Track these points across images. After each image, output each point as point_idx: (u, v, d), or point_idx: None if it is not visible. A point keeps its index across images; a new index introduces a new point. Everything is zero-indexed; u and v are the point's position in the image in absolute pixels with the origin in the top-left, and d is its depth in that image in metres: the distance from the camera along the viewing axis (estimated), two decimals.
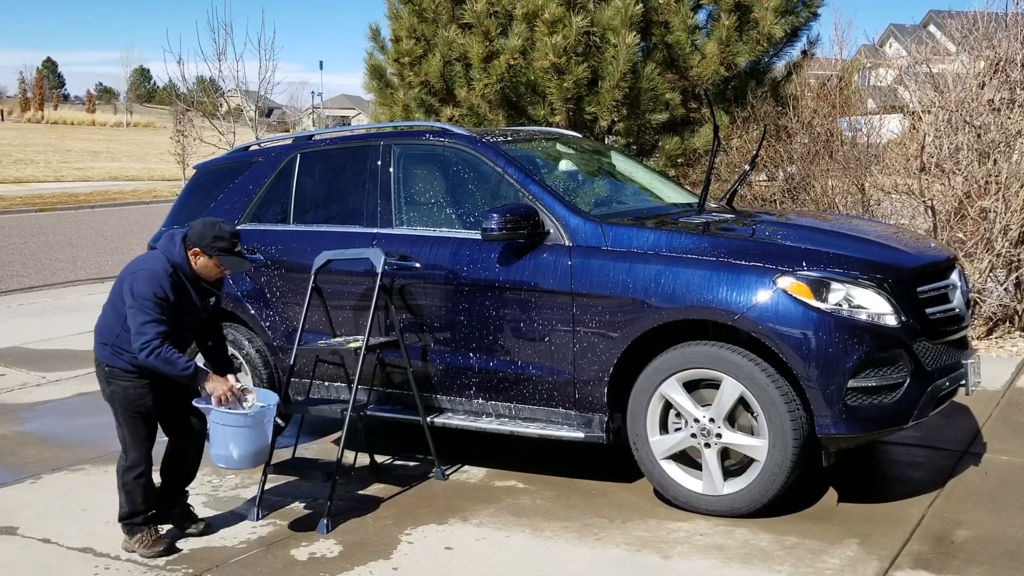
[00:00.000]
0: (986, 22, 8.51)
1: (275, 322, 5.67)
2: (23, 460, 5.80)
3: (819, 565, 4.00)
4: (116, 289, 4.32)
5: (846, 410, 4.26)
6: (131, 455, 4.34)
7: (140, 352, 4.10)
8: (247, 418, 4.28)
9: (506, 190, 5.13)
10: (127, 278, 4.22)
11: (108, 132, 72.20)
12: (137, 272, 4.20)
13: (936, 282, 4.70)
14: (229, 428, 4.24)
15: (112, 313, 4.31)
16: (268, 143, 6.53)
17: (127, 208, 27.76)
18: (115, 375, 4.29)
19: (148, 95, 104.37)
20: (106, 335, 4.31)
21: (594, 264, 4.70)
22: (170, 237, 4.31)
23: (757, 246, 4.63)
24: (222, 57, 15.41)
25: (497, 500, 4.88)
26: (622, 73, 8.15)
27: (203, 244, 4.22)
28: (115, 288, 4.34)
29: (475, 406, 5.10)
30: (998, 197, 7.75)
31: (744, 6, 8.66)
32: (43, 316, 10.74)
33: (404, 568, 4.15)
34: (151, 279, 4.15)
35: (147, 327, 4.09)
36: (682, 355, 4.52)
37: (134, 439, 4.33)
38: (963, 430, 5.66)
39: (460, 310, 5.05)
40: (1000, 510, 4.51)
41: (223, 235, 4.24)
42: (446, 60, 8.89)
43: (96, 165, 45.69)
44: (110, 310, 4.33)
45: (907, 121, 9.41)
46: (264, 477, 4.86)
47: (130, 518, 4.36)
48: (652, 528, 4.45)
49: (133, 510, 4.36)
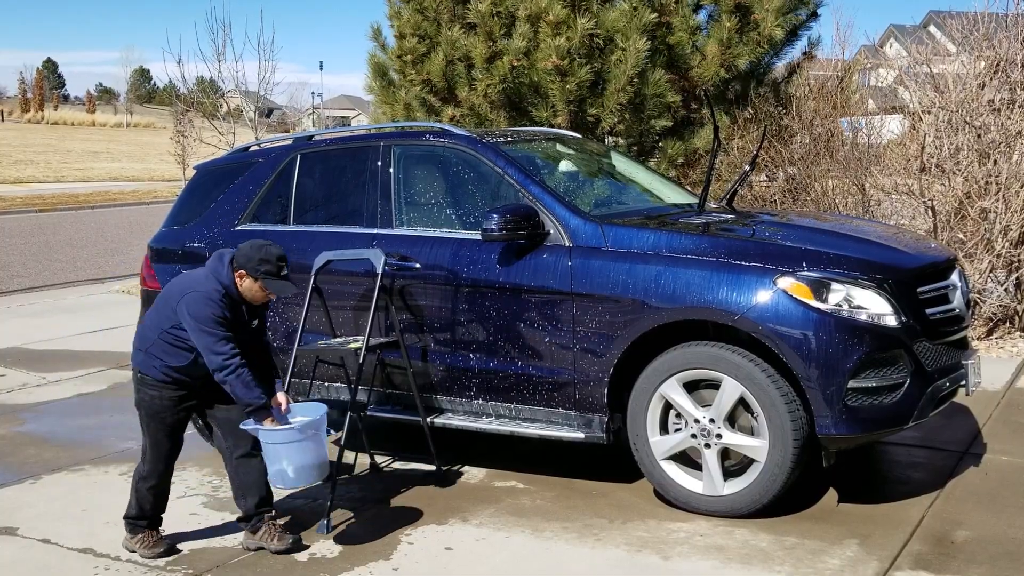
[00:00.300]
0: (986, 22, 8.52)
1: (275, 322, 5.67)
2: (23, 460, 5.80)
3: (819, 565, 4.00)
4: (163, 303, 4.32)
5: (846, 410, 4.26)
6: (148, 466, 4.35)
7: (220, 371, 4.10)
8: (295, 432, 4.17)
9: (506, 191, 5.13)
10: (181, 300, 4.18)
11: (108, 132, 72.19)
12: (190, 294, 4.17)
13: (936, 282, 4.70)
14: (280, 445, 4.14)
15: (153, 321, 4.32)
16: (268, 144, 6.53)
17: (127, 208, 27.76)
18: (145, 382, 4.30)
19: (148, 96, 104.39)
20: (142, 341, 4.33)
21: (594, 265, 4.71)
22: (219, 257, 4.27)
23: (757, 246, 4.64)
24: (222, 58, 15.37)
25: (497, 500, 4.88)
26: (629, 78, 8.14)
27: (249, 267, 4.20)
28: (161, 301, 4.34)
29: (475, 406, 5.10)
30: (998, 197, 7.75)
31: (744, 7, 8.66)
32: (43, 316, 10.74)
33: (404, 568, 4.15)
34: (206, 300, 4.14)
35: (221, 346, 4.10)
36: (682, 355, 4.52)
37: (154, 452, 4.33)
38: (963, 431, 5.66)
39: (460, 311, 5.05)
40: (1000, 511, 4.51)
41: (269, 258, 4.21)
42: (449, 60, 8.89)
43: (96, 165, 45.69)
44: (153, 317, 4.34)
45: (907, 121, 9.41)
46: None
47: (137, 519, 4.38)
48: (652, 529, 4.45)
49: (140, 514, 4.37)
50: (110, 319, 10.27)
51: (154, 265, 6.24)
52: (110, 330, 9.73)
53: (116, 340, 9.12)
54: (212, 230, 5.98)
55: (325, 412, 4.33)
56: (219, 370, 4.10)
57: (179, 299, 4.19)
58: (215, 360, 4.10)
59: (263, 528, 4.36)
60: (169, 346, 4.25)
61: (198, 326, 4.11)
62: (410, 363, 5.12)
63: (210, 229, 6.00)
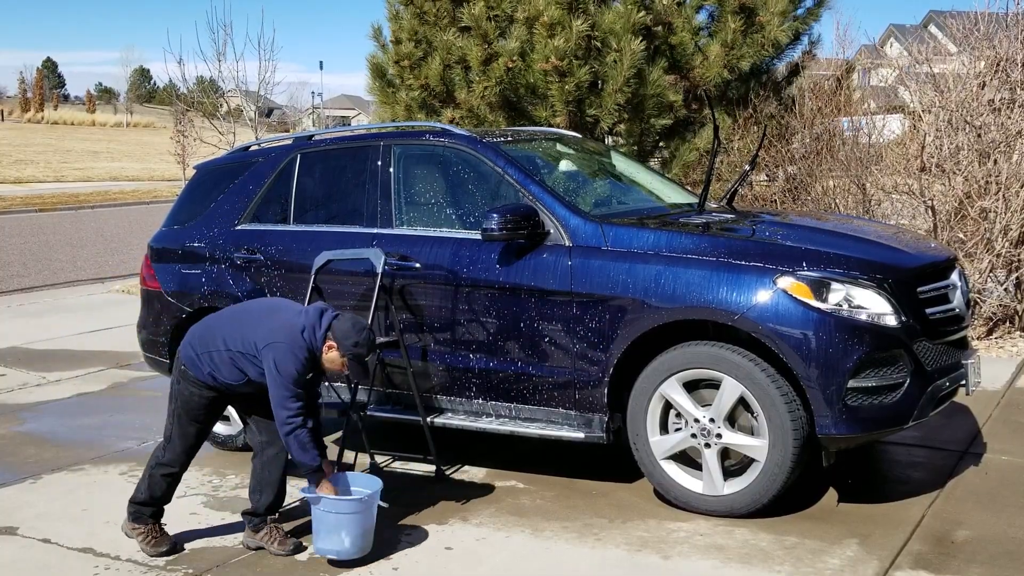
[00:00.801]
0: (986, 22, 8.52)
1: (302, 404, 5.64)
2: (23, 460, 5.80)
3: (819, 565, 4.00)
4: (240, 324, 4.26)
5: (846, 410, 4.26)
6: (170, 454, 4.36)
7: (284, 427, 4.12)
8: (359, 503, 4.16)
9: (506, 190, 5.13)
10: (269, 346, 4.14)
11: (108, 132, 72.21)
12: (281, 345, 4.14)
13: (936, 282, 4.70)
14: (343, 516, 4.11)
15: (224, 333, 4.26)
16: (268, 143, 6.53)
17: (127, 208, 27.75)
18: (187, 378, 4.31)
19: (148, 95, 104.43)
20: (202, 344, 4.29)
21: (594, 264, 4.71)
22: (318, 318, 4.21)
23: (757, 246, 4.64)
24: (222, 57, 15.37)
25: (497, 500, 4.88)
26: (626, 78, 8.14)
27: (345, 344, 4.18)
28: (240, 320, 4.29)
29: (475, 406, 5.10)
30: (998, 197, 7.75)
31: (749, 8, 8.65)
32: (43, 316, 10.74)
33: (404, 568, 4.15)
34: (295, 358, 4.13)
35: (291, 403, 4.11)
36: (682, 355, 4.52)
37: (181, 442, 4.35)
38: (963, 430, 5.66)
39: (460, 310, 5.05)
40: (1000, 510, 4.51)
41: (363, 343, 4.21)
42: (446, 63, 8.89)
43: (96, 165, 45.70)
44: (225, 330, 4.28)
45: (907, 121, 9.42)
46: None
47: (144, 504, 4.38)
48: (652, 528, 4.45)
49: (150, 499, 4.38)
50: (110, 319, 10.27)
51: (154, 265, 6.25)
52: (110, 330, 9.73)
53: (116, 340, 9.13)
54: (212, 229, 5.98)
55: (380, 485, 4.30)
56: (284, 425, 4.12)
57: (266, 343, 4.14)
58: (282, 414, 4.11)
59: (265, 529, 4.36)
60: (229, 363, 4.24)
61: (279, 379, 4.11)
62: (410, 363, 5.12)
63: (210, 229, 6.01)
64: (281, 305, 4.44)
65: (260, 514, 4.39)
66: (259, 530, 4.36)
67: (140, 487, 4.41)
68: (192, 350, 4.32)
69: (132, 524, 4.40)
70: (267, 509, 4.39)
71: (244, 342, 4.21)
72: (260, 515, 4.39)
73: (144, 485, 4.39)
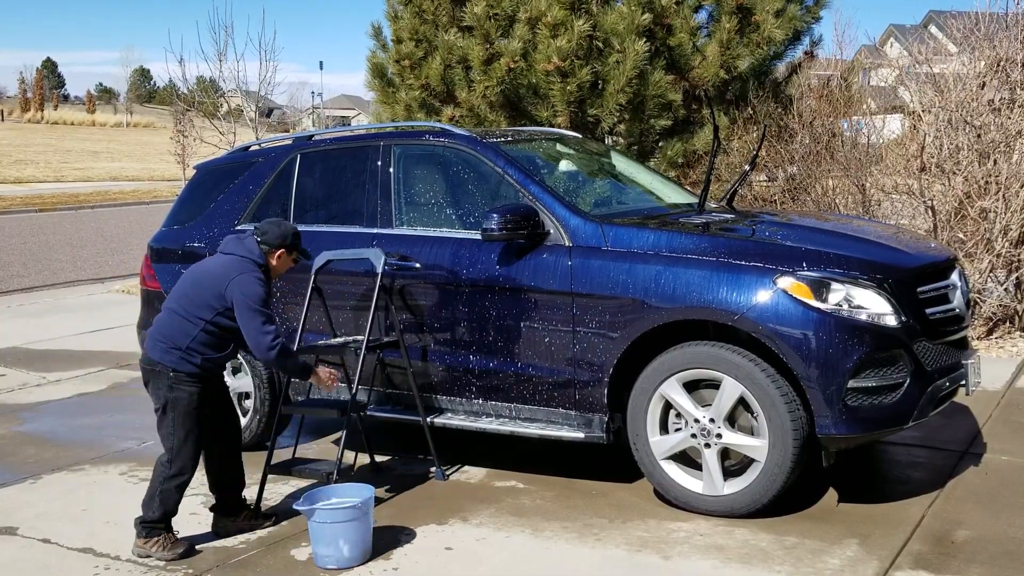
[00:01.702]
0: (986, 22, 8.52)
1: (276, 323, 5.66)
2: (23, 460, 5.80)
3: (819, 565, 4.00)
4: (196, 294, 4.31)
5: (846, 410, 4.26)
6: (179, 463, 4.30)
7: (268, 350, 4.24)
8: (355, 510, 4.15)
9: (506, 190, 5.13)
10: (231, 284, 4.25)
11: (108, 132, 72.21)
12: (240, 277, 4.27)
13: (936, 282, 4.70)
14: (339, 525, 4.11)
15: (189, 314, 4.29)
16: (268, 143, 6.53)
17: (127, 208, 27.76)
18: (181, 380, 4.28)
19: (148, 95, 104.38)
20: (176, 339, 4.29)
21: (594, 264, 4.70)
22: (240, 242, 4.38)
23: (757, 246, 4.64)
24: (223, 57, 15.38)
25: (497, 500, 4.88)
26: (628, 79, 8.14)
27: (287, 243, 4.41)
28: (193, 292, 4.33)
29: (475, 406, 5.10)
30: (998, 197, 7.75)
31: (746, 8, 8.66)
32: (43, 316, 10.74)
33: (404, 568, 4.15)
34: (256, 279, 4.29)
35: (267, 327, 4.25)
36: (682, 355, 4.52)
37: (190, 448, 4.31)
38: (963, 430, 5.66)
39: (460, 310, 5.05)
40: (1000, 510, 4.51)
41: (294, 231, 4.47)
42: (446, 63, 8.89)
43: (96, 165, 45.70)
44: (188, 311, 4.30)
45: (907, 121, 9.41)
46: (264, 477, 4.86)
47: (158, 522, 4.30)
48: (652, 528, 4.45)
49: (164, 515, 4.32)
50: (110, 319, 10.27)
51: (154, 265, 6.25)
52: (110, 330, 9.73)
53: (116, 340, 9.12)
54: (212, 230, 5.98)
55: (373, 492, 4.31)
56: (268, 350, 4.24)
57: (227, 280, 4.25)
58: (263, 341, 4.23)
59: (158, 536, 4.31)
60: (213, 338, 4.31)
61: (251, 305, 4.23)
62: (410, 363, 5.12)
63: (210, 229, 6.00)
64: (210, 261, 4.50)
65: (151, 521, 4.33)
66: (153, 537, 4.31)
67: (151, 506, 4.30)
68: (175, 351, 4.28)
69: (144, 540, 4.30)
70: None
71: (212, 307, 4.27)
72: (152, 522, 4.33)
73: (156, 503, 4.30)
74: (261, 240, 4.40)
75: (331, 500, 4.28)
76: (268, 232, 4.42)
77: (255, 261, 4.36)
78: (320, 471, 4.97)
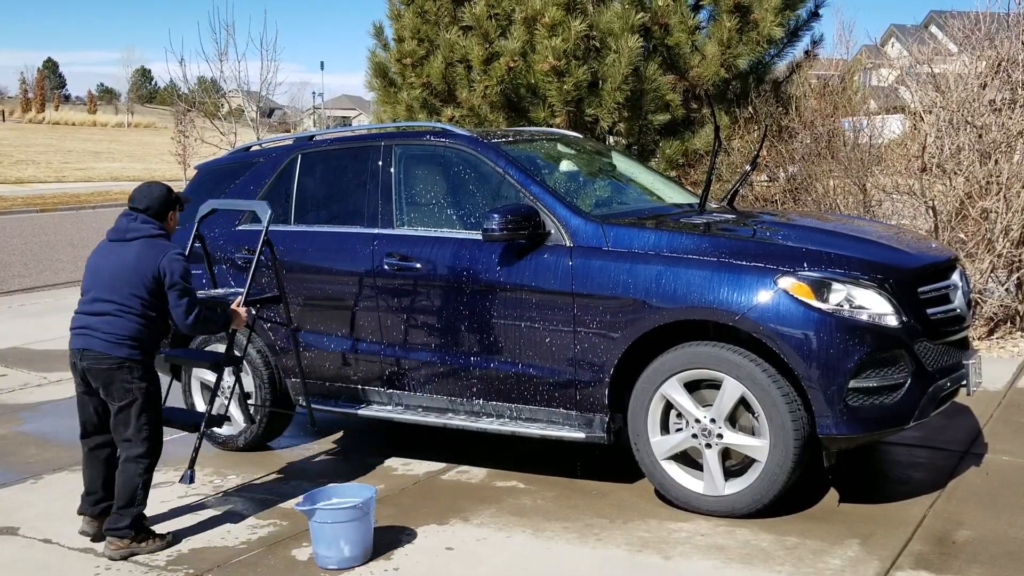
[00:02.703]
0: (987, 22, 8.52)
1: (276, 323, 5.67)
2: (24, 460, 5.80)
3: (820, 565, 4.00)
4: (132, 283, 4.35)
5: (847, 410, 4.26)
6: (149, 448, 4.37)
7: (189, 317, 4.40)
8: (355, 511, 4.15)
9: (507, 191, 5.13)
10: (164, 267, 4.37)
11: (109, 132, 72.22)
12: (169, 256, 4.40)
13: (937, 282, 4.70)
14: (340, 525, 4.11)
15: (133, 311, 4.35)
16: (269, 143, 6.53)
17: None
18: (135, 372, 4.36)
19: (149, 95, 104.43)
20: (133, 332, 4.35)
21: (595, 265, 4.70)
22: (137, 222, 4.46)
23: (758, 246, 4.63)
24: (224, 57, 15.43)
25: (498, 500, 4.88)
26: (624, 76, 8.14)
27: (176, 207, 4.59)
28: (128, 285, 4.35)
29: (476, 406, 5.10)
30: (999, 197, 7.74)
31: (744, 7, 8.66)
32: (44, 316, 10.74)
33: (405, 568, 4.15)
34: (181, 259, 4.44)
35: (189, 297, 4.43)
36: (683, 355, 4.51)
37: (158, 434, 4.44)
38: (964, 430, 5.66)
39: (461, 310, 5.05)
40: (1001, 511, 4.50)
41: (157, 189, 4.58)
42: (448, 62, 8.89)
43: (97, 166, 45.71)
44: (129, 309, 4.34)
45: (908, 121, 9.41)
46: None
47: (143, 515, 4.38)
48: (653, 528, 4.45)
49: (144, 501, 4.38)
50: None
51: None
52: None
53: None
54: (213, 230, 5.98)
55: (374, 492, 4.33)
56: (188, 316, 4.40)
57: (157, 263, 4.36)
58: (186, 311, 4.38)
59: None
60: (156, 321, 4.43)
61: (180, 282, 4.39)
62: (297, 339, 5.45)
63: (211, 229, 6.00)
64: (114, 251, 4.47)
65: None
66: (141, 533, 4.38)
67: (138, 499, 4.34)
68: (135, 346, 4.34)
69: (135, 543, 4.34)
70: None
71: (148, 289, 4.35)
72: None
73: (140, 496, 4.34)
74: (153, 215, 4.49)
75: (332, 500, 4.28)
76: (151, 204, 4.49)
77: (167, 238, 4.50)
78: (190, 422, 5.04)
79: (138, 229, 4.44)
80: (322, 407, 5.55)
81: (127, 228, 4.46)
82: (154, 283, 4.35)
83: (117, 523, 4.33)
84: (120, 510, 4.34)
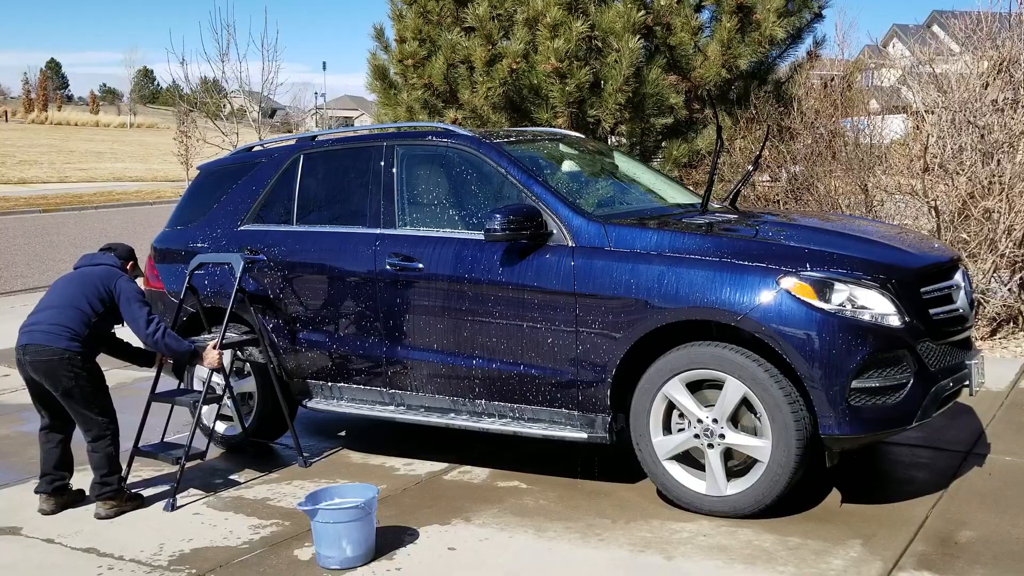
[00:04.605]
0: (990, 22, 8.51)
1: (278, 324, 5.67)
2: (26, 460, 5.81)
3: (823, 566, 4.00)
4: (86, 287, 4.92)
5: (849, 411, 4.25)
6: (105, 427, 4.87)
7: (155, 334, 4.90)
8: (357, 511, 4.15)
9: (509, 191, 5.13)
10: (118, 281, 4.96)
11: (112, 133, 72.30)
12: (123, 279, 4.99)
13: (940, 283, 4.69)
14: (342, 525, 4.12)
15: (78, 307, 4.87)
16: (271, 144, 6.53)
17: (131, 209, 27.78)
18: (76, 364, 4.79)
19: (152, 96, 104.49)
20: (74, 325, 4.83)
21: (597, 265, 4.70)
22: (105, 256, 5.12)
23: (760, 246, 4.63)
24: (225, 58, 15.45)
25: (500, 500, 4.88)
26: (625, 77, 8.14)
27: (136, 263, 5.23)
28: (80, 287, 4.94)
29: (478, 407, 5.10)
30: (1002, 197, 7.74)
31: (746, 7, 8.65)
32: None
33: (407, 568, 4.15)
34: (134, 282, 5.04)
35: (153, 315, 4.98)
36: (685, 356, 4.51)
37: (108, 414, 4.92)
38: (967, 431, 5.65)
39: (463, 310, 5.05)
40: (1004, 511, 4.50)
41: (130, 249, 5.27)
42: (450, 63, 8.89)
43: (100, 166, 45.76)
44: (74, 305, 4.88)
45: (911, 121, 9.40)
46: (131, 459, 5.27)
47: (119, 479, 4.90)
48: (655, 529, 4.45)
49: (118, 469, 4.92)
50: None
51: (157, 265, 6.26)
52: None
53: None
54: (216, 230, 5.99)
55: (376, 492, 4.33)
56: (154, 333, 4.90)
57: (114, 281, 4.93)
58: (150, 326, 4.89)
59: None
60: (98, 326, 4.91)
61: (137, 297, 4.93)
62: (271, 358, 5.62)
63: (213, 229, 6.01)
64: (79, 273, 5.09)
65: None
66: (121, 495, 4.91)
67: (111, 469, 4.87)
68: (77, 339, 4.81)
69: (113, 502, 4.84)
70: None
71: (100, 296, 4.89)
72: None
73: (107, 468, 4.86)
74: (118, 256, 5.16)
75: (334, 500, 4.28)
76: (117, 249, 5.22)
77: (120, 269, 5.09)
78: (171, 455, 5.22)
79: (105, 259, 5.10)
80: (325, 407, 5.56)
81: (94, 258, 5.10)
82: (107, 294, 4.89)
83: (104, 489, 4.85)
84: (105, 478, 4.85)
